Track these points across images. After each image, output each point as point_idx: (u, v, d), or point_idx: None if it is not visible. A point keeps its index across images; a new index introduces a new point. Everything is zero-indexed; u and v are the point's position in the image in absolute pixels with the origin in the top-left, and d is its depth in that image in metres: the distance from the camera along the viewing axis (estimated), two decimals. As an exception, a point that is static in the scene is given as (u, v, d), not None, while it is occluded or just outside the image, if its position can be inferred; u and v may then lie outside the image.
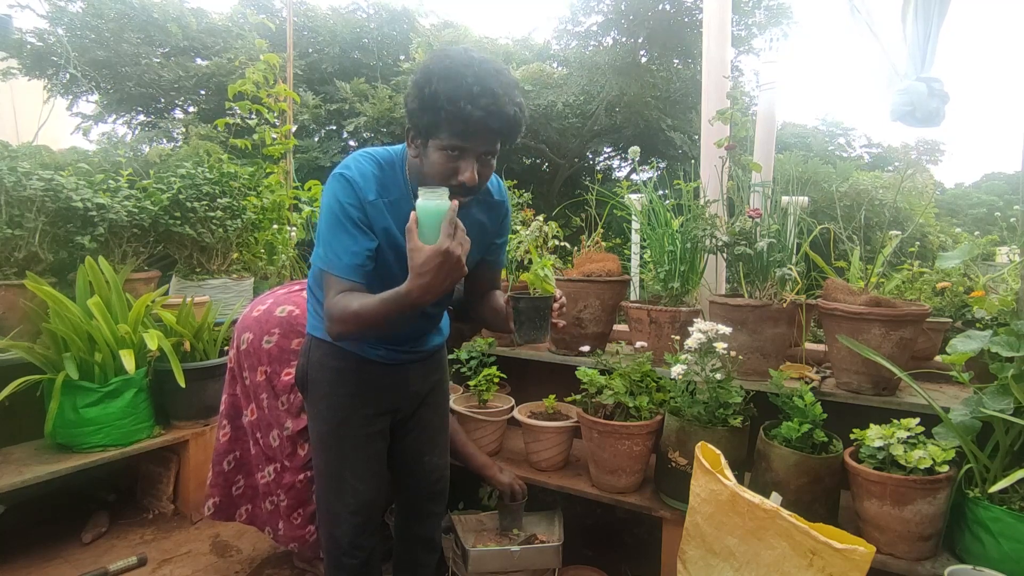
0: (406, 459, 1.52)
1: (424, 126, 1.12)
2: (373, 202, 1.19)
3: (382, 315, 1.09)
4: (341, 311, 1.13)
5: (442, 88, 1.06)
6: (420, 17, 9.27)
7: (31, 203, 2.29)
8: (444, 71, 1.07)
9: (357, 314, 1.11)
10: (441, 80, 1.07)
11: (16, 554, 2.18)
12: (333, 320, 1.15)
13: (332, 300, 1.15)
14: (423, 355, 1.47)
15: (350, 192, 1.18)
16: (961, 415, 1.44)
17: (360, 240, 1.17)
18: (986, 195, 14.06)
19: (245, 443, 1.99)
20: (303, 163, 7.54)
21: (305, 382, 1.42)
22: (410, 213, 1.05)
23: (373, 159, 1.23)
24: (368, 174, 1.20)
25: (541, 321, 1.20)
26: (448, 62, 1.09)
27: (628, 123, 7.85)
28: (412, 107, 1.13)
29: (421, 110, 1.11)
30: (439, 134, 1.11)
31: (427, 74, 1.09)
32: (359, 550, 1.41)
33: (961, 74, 42.22)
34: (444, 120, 1.08)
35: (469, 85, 1.06)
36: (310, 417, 1.43)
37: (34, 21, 8.70)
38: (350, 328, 1.14)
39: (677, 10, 7.04)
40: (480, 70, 1.08)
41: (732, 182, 2.00)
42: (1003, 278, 2.07)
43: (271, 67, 3.24)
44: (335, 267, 1.17)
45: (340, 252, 1.16)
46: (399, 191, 1.24)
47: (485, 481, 1.96)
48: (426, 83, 1.08)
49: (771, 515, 1.18)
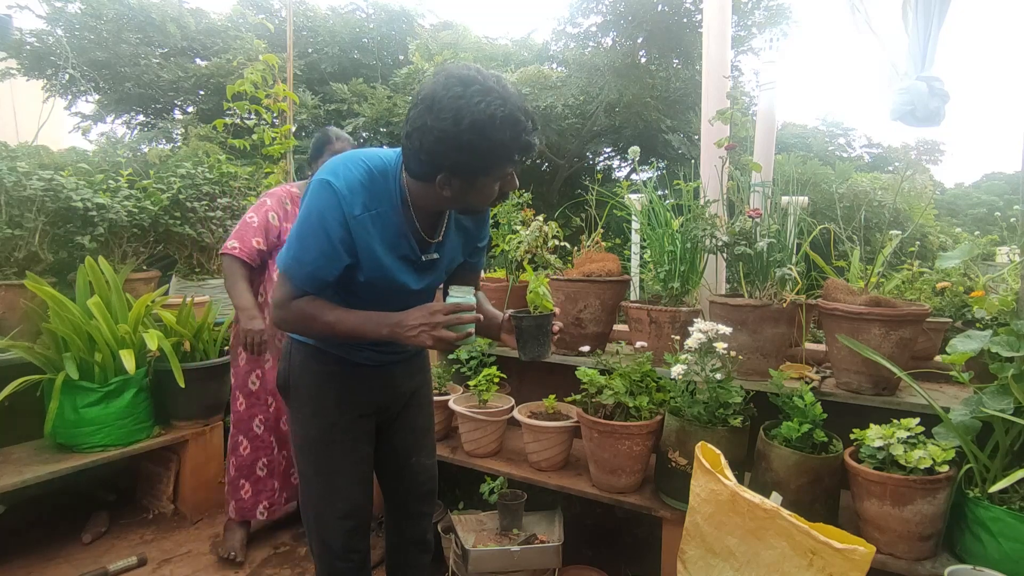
0: (396, 461, 1.52)
1: (468, 170, 1.06)
2: (358, 217, 1.12)
3: (356, 334, 1.18)
4: (308, 316, 1.19)
5: (497, 136, 1.01)
6: (419, 17, 9.27)
7: (31, 203, 2.29)
8: (494, 120, 1.00)
9: (331, 326, 1.17)
10: (496, 128, 1.00)
11: (16, 554, 2.18)
12: (289, 320, 1.21)
13: (290, 302, 1.19)
14: (406, 356, 1.46)
15: (334, 206, 1.11)
16: (961, 415, 1.44)
17: (331, 259, 1.14)
18: (986, 195, 14.07)
19: (269, 446, 2.23)
20: (302, 163, 7.52)
21: (287, 387, 1.38)
22: (399, 225, 1.18)
23: (364, 166, 1.15)
24: (356, 185, 1.12)
25: (544, 338, 1.22)
26: (494, 110, 1.00)
27: (628, 124, 7.84)
28: (438, 149, 1.03)
29: (459, 151, 1.02)
30: (491, 174, 1.08)
31: (476, 128, 1.00)
32: (354, 553, 1.40)
33: (961, 74, 42.20)
34: (495, 162, 1.05)
35: (514, 127, 1.02)
36: (294, 422, 1.39)
37: (33, 22, 8.70)
38: (307, 331, 1.25)
39: (676, 11, 7.04)
40: (509, 92, 1.02)
41: (732, 182, 2.00)
42: (1003, 278, 2.08)
43: (270, 67, 3.24)
44: (295, 275, 1.17)
45: (304, 262, 1.15)
46: (389, 203, 1.16)
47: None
48: (477, 130, 1.00)
49: (771, 515, 1.18)
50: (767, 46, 7.95)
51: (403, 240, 1.21)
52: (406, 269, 1.24)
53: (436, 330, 1.11)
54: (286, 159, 3.46)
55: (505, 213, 2.47)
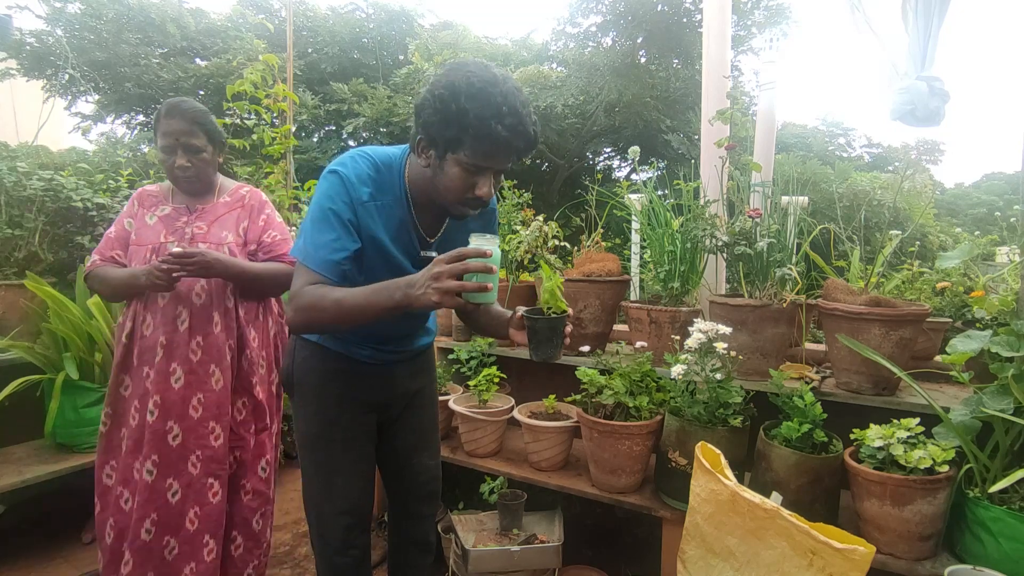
0: (396, 461, 1.52)
1: (444, 140, 1.10)
2: (365, 204, 1.17)
3: (368, 307, 1.06)
4: (316, 298, 1.09)
5: (471, 106, 1.04)
6: (419, 17, 9.27)
7: (31, 203, 2.29)
8: (472, 88, 1.05)
9: (339, 302, 1.07)
10: (469, 98, 1.04)
11: (16, 554, 2.18)
12: (300, 308, 1.11)
13: (302, 288, 1.12)
14: (410, 355, 1.47)
15: (342, 191, 1.16)
16: (961, 415, 1.44)
17: (343, 239, 1.15)
18: (986, 195, 14.08)
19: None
20: (302, 163, 7.55)
21: (291, 383, 1.41)
22: (402, 218, 1.20)
23: (370, 160, 1.21)
24: (364, 175, 1.18)
25: (557, 339, 1.17)
26: (474, 79, 1.06)
27: (627, 124, 7.85)
28: (431, 120, 1.09)
29: (443, 124, 1.08)
30: (461, 150, 1.09)
31: (452, 90, 1.06)
32: (352, 549, 1.41)
33: (961, 74, 42.25)
34: (470, 138, 1.07)
35: (498, 105, 1.04)
36: (297, 419, 1.42)
37: (33, 22, 8.70)
38: (319, 317, 1.10)
39: (676, 11, 7.04)
40: (506, 88, 1.06)
41: (732, 182, 2.00)
42: (1003, 278, 2.08)
43: (270, 67, 3.25)
44: (311, 260, 1.14)
45: (319, 245, 1.14)
46: (393, 195, 1.22)
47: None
48: (452, 99, 1.05)
49: (771, 515, 1.18)
50: (767, 46, 7.96)
51: (405, 233, 1.25)
52: (407, 263, 1.26)
53: (440, 280, 0.97)
54: (286, 159, 3.46)
55: (505, 213, 2.47)
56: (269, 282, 1.73)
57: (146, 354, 1.64)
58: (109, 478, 1.67)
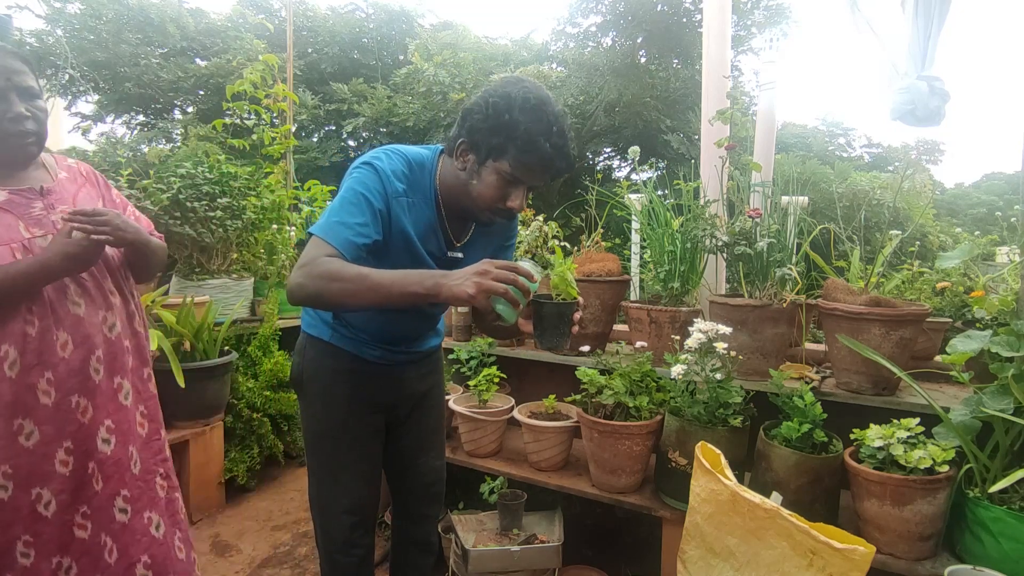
0: (401, 461, 1.53)
1: (488, 147, 1.12)
2: (399, 199, 1.18)
3: (394, 285, 1.00)
4: (337, 267, 1.03)
5: (523, 119, 1.08)
6: (419, 17, 9.28)
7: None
8: (527, 103, 1.09)
9: (363, 274, 1.01)
10: (523, 111, 1.08)
11: (15, 555, 2.17)
12: (317, 275, 1.02)
13: (319, 257, 1.05)
14: (419, 356, 1.47)
15: (378, 182, 1.15)
16: (961, 415, 1.44)
17: (371, 226, 1.12)
18: (986, 195, 14.09)
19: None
20: (302, 163, 7.55)
21: (301, 381, 1.41)
22: (430, 218, 1.21)
23: (404, 157, 1.21)
24: (399, 171, 1.18)
25: (565, 327, 1.14)
26: (530, 95, 1.10)
27: (627, 124, 7.85)
28: (479, 125, 1.12)
29: (490, 131, 1.10)
30: (503, 159, 1.11)
31: (508, 100, 1.09)
32: (355, 547, 1.41)
33: (961, 74, 42.27)
34: (516, 149, 1.09)
35: (549, 124, 1.08)
36: (305, 416, 1.43)
37: (33, 22, 8.71)
38: (335, 288, 1.01)
39: (676, 11, 7.05)
40: (556, 110, 1.11)
41: (732, 182, 2.00)
42: (1003, 278, 2.07)
43: (269, 67, 3.25)
44: (333, 236, 1.07)
45: (347, 225, 1.09)
46: (423, 195, 1.22)
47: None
48: (506, 109, 1.09)
49: (771, 515, 1.18)
50: (767, 46, 7.96)
51: (432, 233, 1.25)
52: (431, 261, 1.27)
53: (485, 277, 0.96)
54: (286, 159, 3.46)
55: (505, 213, 2.47)
56: (161, 256, 1.47)
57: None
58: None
